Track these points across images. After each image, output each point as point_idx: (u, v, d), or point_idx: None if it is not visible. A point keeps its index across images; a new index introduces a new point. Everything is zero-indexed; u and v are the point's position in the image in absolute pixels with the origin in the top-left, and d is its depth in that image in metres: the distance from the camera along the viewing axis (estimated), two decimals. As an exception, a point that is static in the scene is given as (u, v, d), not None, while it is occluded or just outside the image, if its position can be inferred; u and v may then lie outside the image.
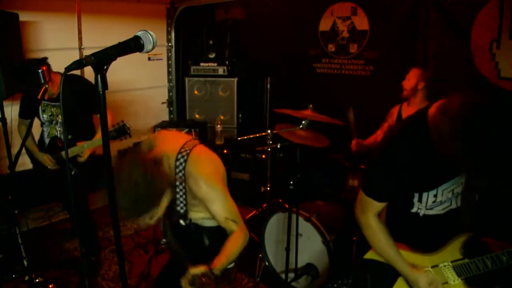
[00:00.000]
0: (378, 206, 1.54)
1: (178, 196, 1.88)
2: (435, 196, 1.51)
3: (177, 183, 1.84)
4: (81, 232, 3.01)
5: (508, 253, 1.43)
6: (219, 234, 1.81)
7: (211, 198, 1.76)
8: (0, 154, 3.36)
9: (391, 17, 3.60)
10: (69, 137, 2.80)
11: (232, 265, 1.98)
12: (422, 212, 1.55)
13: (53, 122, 2.89)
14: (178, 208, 1.90)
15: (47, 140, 2.93)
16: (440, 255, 1.55)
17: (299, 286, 2.76)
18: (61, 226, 3.73)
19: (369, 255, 1.64)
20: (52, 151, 2.88)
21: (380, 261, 1.60)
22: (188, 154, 1.80)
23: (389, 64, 3.63)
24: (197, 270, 1.60)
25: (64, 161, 2.83)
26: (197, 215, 1.95)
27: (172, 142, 1.86)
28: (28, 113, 2.84)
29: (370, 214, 1.54)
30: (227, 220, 1.77)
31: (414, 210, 1.56)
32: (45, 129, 2.93)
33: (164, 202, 2.13)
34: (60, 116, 2.84)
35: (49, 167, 2.88)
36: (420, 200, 1.53)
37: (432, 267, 1.53)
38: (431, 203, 1.52)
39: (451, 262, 1.53)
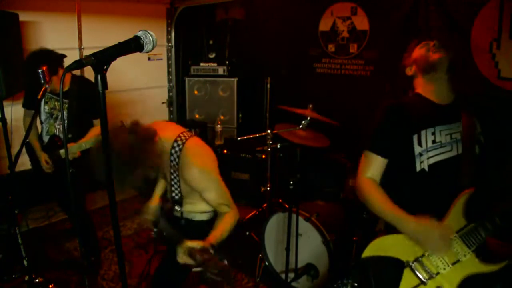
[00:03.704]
0: (376, 162, 1.62)
1: (172, 183, 1.93)
2: (433, 134, 1.55)
3: (171, 170, 1.88)
4: (81, 232, 3.00)
5: None
6: (208, 229, 1.83)
7: (205, 187, 1.82)
8: (0, 154, 3.36)
9: (391, 17, 3.59)
10: (69, 136, 2.80)
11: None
12: (425, 164, 1.55)
13: (53, 116, 2.86)
14: (173, 194, 1.95)
15: (46, 138, 2.92)
16: (445, 226, 1.50)
17: (299, 286, 2.76)
18: (61, 226, 3.73)
19: (367, 252, 1.62)
20: (51, 149, 2.87)
21: (379, 256, 1.58)
22: (184, 143, 1.85)
23: (389, 64, 3.62)
24: (194, 243, 1.63)
25: (61, 160, 2.82)
26: (189, 208, 2.00)
27: (169, 130, 1.92)
28: (32, 102, 2.80)
29: (367, 173, 1.63)
30: (220, 205, 1.85)
31: (418, 168, 1.57)
32: (44, 126, 2.91)
33: (157, 192, 2.18)
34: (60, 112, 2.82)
35: (45, 170, 2.84)
36: (420, 143, 1.56)
37: None
38: (431, 143, 1.54)
39: (457, 232, 1.50)
